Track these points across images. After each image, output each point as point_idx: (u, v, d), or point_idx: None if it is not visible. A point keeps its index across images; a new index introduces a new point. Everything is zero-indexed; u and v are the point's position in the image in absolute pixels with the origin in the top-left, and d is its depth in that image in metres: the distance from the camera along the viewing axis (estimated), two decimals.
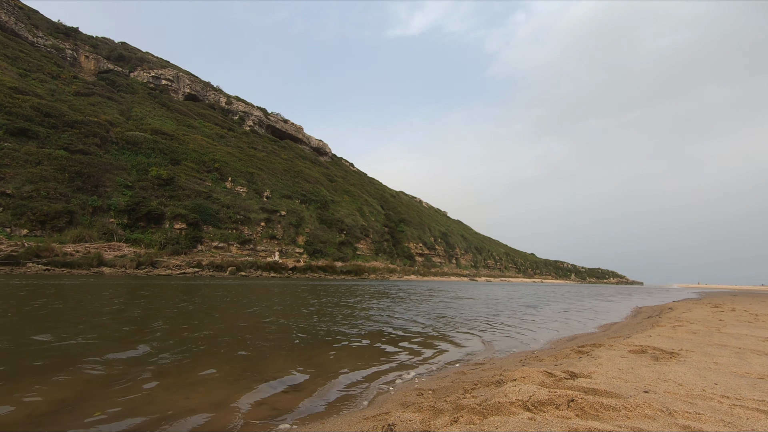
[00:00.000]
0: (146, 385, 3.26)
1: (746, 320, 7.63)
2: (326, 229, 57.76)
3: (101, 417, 2.61)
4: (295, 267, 40.40)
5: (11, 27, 53.88)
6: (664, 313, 10.10)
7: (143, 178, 40.39)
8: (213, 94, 79.35)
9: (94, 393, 3.03)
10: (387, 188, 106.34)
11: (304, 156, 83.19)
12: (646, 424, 1.99)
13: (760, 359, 3.77)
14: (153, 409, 2.79)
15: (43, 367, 3.61)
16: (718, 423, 2.03)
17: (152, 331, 5.66)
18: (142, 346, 4.67)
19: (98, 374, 3.48)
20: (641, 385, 2.71)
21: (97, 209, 33.83)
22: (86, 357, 4.01)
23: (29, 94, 38.92)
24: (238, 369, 3.85)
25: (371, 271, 51.31)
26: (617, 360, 3.59)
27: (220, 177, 50.04)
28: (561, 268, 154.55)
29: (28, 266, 24.13)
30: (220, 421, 2.65)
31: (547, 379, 2.83)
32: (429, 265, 75.91)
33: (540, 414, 2.15)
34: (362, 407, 2.95)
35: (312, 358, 4.45)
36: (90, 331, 5.49)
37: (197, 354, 4.41)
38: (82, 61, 62.04)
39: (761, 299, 19.24)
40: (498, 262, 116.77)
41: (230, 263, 35.45)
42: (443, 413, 2.36)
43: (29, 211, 28.86)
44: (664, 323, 7.10)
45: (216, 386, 3.31)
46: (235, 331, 5.95)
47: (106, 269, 27.16)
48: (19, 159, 31.60)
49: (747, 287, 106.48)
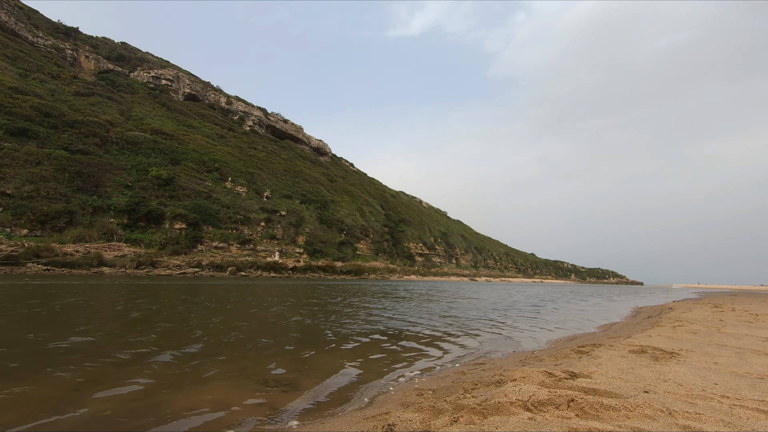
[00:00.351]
0: (143, 380, 3.27)
1: (746, 320, 7.63)
2: (326, 229, 57.76)
3: (108, 414, 2.61)
4: (295, 267, 40.40)
5: (11, 27, 53.88)
6: (664, 313, 10.11)
7: (143, 178, 40.39)
8: (213, 94, 79.36)
9: (87, 391, 3.03)
10: (387, 188, 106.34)
11: (304, 156, 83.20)
12: (646, 424, 2.00)
13: (760, 359, 3.77)
14: (152, 409, 2.79)
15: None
16: (718, 423, 2.03)
17: (151, 331, 5.67)
18: (142, 347, 4.68)
19: (92, 369, 3.48)
20: (641, 385, 2.71)
21: (97, 209, 33.83)
22: (71, 357, 4.02)
23: (29, 94, 38.93)
24: (238, 368, 3.85)
25: (371, 271, 51.31)
26: (617, 360, 3.59)
27: (220, 177, 50.04)
28: (561, 268, 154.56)
29: (28, 266, 24.14)
30: (220, 420, 2.65)
31: (547, 379, 2.84)
32: (429, 265, 75.91)
33: (540, 414, 2.15)
34: (362, 407, 2.95)
35: (312, 358, 4.45)
36: (88, 333, 5.49)
37: (197, 354, 4.41)
38: (82, 61, 62.04)
39: (761, 299, 19.24)
40: (498, 262, 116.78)
41: (230, 263, 35.45)
42: (443, 413, 2.36)
43: (29, 211, 28.87)
44: (664, 323, 7.10)
45: (216, 386, 3.31)
46: (235, 331, 5.95)
47: (106, 269, 27.17)
48: (19, 159, 31.61)
49: (747, 287, 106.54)
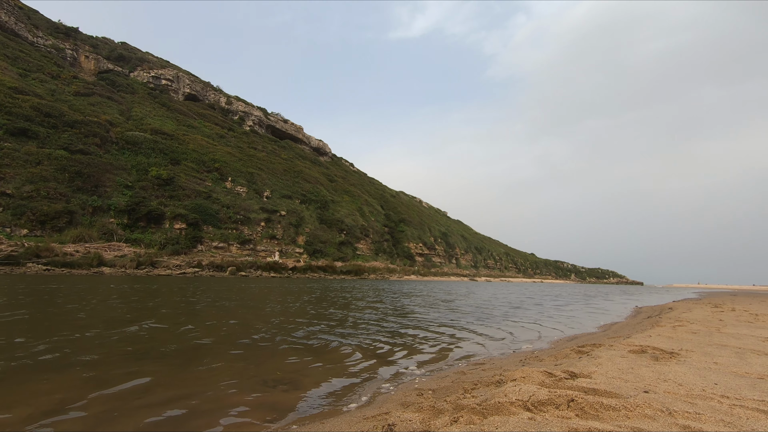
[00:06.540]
0: (142, 386, 3.27)
1: (746, 320, 7.63)
2: (326, 229, 57.76)
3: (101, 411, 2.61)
4: (295, 267, 40.41)
5: (11, 27, 53.88)
6: (664, 313, 10.11)
7: (143, 178, 40.40)
8: (213, 94, 79.35)
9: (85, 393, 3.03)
10: (387, 188, 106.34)
11: (304, 156, 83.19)
12: (646, 424, 1.99)
13: (760, 359, 3.77)
14: (151, 407, 2.79)
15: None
16: (718, 423, 2.03)
17: (151, 331, 5.67)
18: (144, 348, 4.67)
19: (88, 376, 3.48)
20: (641, 385, 2.71)
21: (97, 209, 33.83)
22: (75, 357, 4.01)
23: (29, 94, 38.94)
24: (238, 368, 3.85)
25: (371, 271, 51.31)
26: (617, 360, 3.59)
27: (220, 177, 50.05)
28: (561, 268, 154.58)
29: (28, 266, 24.14)
30: (219, 420, 2.65)
31: (547, 379, 2.83)
32: (429, 265, 75.90)
33: (540, 414, 2.15)
34: (362, 407, 2.95)
35: (311, 358, 4.45)
36: (87, 341, 5.50)
37: (197, 353, 4.41)
38: (82, 61, 62.04)
39: (761, 299, 19.25)
40: (498, 262, 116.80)
41: (230, 263, 35.45)
42: (443, 413, 2.36)
43: (29, 211, 28.87)
44: (664, 323, 7.10)
45: (215, 385, 3.31)
46: (235, 330, 5.95)
47: (106, 269, 27.17)
48: (19, 159, 31.62)
49: (746, 287, 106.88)
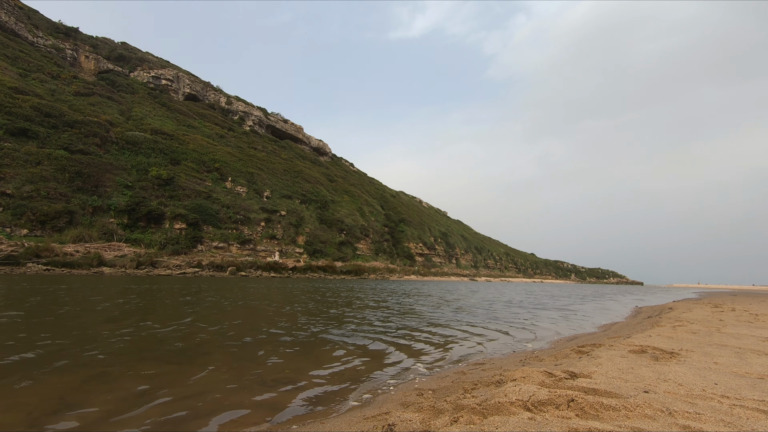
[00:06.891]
0: (141, 386, 3.27)
1: (746, 320, 7.63)
2: (326, 229, 57.75)
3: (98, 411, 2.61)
4: (295, 267, 40.40)
5: (11, 27, 53.86)
6: (664, 313, 10.11)
7: (143, 178, 40.39)
8: (213, 94, 79.33)
9: (92, 390, 3.03)
10: (387, 188, 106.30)
11: (304, 156, 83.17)
12: (646, 424, 1.99)
13: (760, 359, 3.77)
14: (151, 407, 2.79)
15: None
16: (718, 423, 2.03)
17: (148, 330, 5.66)
18: (140, 346, 4.67)
19: (89, 376, 3.48)
20: (641, 385, 2.71)
21: (97, 209, 33.83)
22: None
23: (29, 94, 38.92)
24: (238, 368, 3.85)
25: (371, 271, 51.30)
26: (617, 360, 3.59)
27: (220, 177, 50.03)
28: (561, 268, 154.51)
29: (28, 266, 24.13)
30: (219, 420, 2.65)
31: (547, 379, 2.83)
32: (429, 265, 75.89)
33: (540, 414, 2.15)
34: (362, 407, 2.95)
35: (311, 358, 4.45)
36: (87, 341, 5.49)
37: (197, 353, 4.41)
38: (82, 61, 62.02)
39: (761, 299, 19.25)
40: (498, 262, 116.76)
41: (230, 263, 35.44)
42: (443, 413, 2.36)
43: (29, 211, 28.86)
44: (664, 323, 7.10)
45: (216, 385, 3.31)
46: (236, 330, 5.95)
47: (106, 269, 27.16)
48: (19, 159, 31.60)
49: (747, 287, 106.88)
